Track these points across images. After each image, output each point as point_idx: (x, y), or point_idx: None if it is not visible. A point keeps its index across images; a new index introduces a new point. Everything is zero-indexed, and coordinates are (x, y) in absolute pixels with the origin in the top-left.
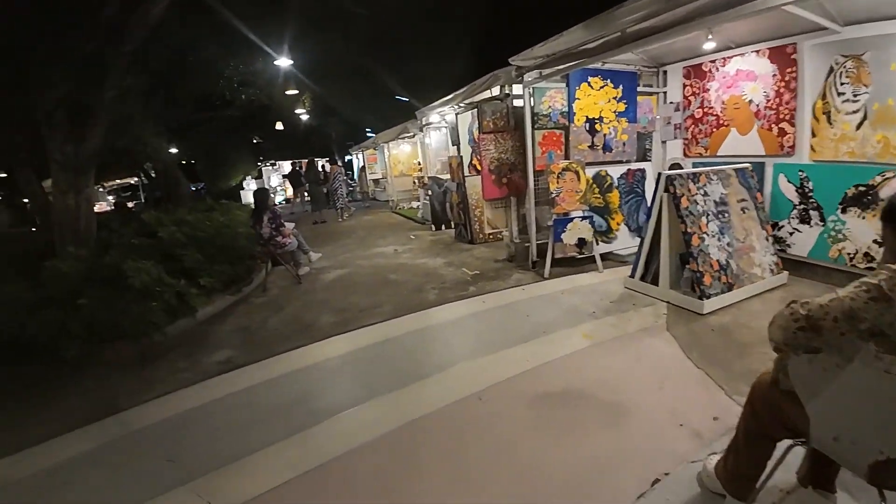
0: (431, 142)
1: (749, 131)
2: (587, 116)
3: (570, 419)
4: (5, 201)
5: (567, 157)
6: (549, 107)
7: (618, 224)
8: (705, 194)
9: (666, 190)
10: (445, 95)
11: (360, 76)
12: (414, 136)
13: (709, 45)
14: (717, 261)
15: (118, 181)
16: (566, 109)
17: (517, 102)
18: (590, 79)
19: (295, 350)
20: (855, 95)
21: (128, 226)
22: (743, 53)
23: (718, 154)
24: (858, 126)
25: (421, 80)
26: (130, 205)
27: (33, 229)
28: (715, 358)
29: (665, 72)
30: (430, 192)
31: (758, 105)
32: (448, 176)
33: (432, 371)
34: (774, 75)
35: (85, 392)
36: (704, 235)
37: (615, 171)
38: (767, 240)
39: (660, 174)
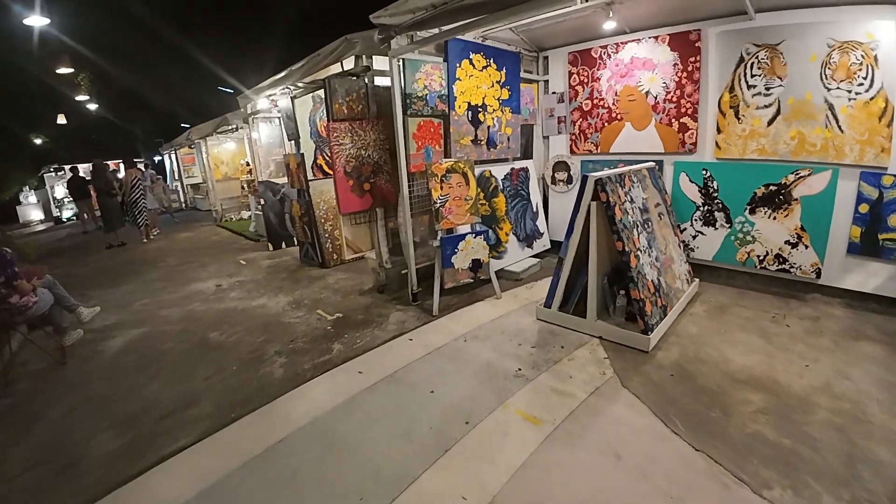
0: (261, 136)
1: (646, 126)
2: (469, 103)
3: None
4: None
5: (447, 154)
6: (425, 87)
7: (506, 235)
8: (632, 201)
9: (595, 197)
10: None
11: (170, 56)
12: (237, 129)
13: (609, 26)
14: (652, 282)
15: None
16: (445, 92)
17: (380, 81)
18: (472, 55)
19: None
20: (767, 89)
21: None
22: (639, 39)
23: (611, 151)
24: (770, 121)
25: (251, 61)
26: None
27: None
28: (701, 424)
29: (546, 57)
30: (262, 201)
31: (656, 97)
32: (286, 179)
33: None
34: (675, 64)
35: None
36: (639, 253)
37: (499, 171)
38: (680, 246)
39: (585, 177)
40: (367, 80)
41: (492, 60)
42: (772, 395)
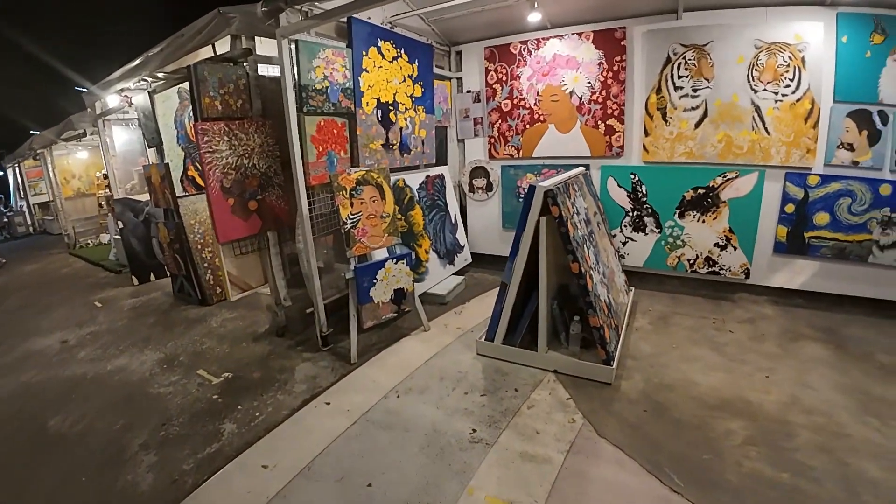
0: (115, 143)
1: (571, 129)
2: (378, 100)
3: None
4: None
5: (355, 161)
6: (325, 77)
7: (426, 252)
8: (578, 213)
9: (544, 211)
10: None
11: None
12: (85, 135)
13: (534, 18)
14: (605, 302)
15: None
16: (350, 85)
17: (266, 70)
18: (380, 42)
19: None
20: (695, 90)
21: None
22: (562, 35)
23: (534, 156)
24: (698, 124)
25: (103, 49)
26: None
27: None
28: (697, 472)
29: (460, 52)
30: (121, 223)
31: (581, 98)
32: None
33: None
34: (600, 63)
35: None
36: (592, 272)
37: (414, 180)
38: (616, 256)
39: (532, 187)
40: (248, 68)
41: (403, 51)
42: (749, 420)
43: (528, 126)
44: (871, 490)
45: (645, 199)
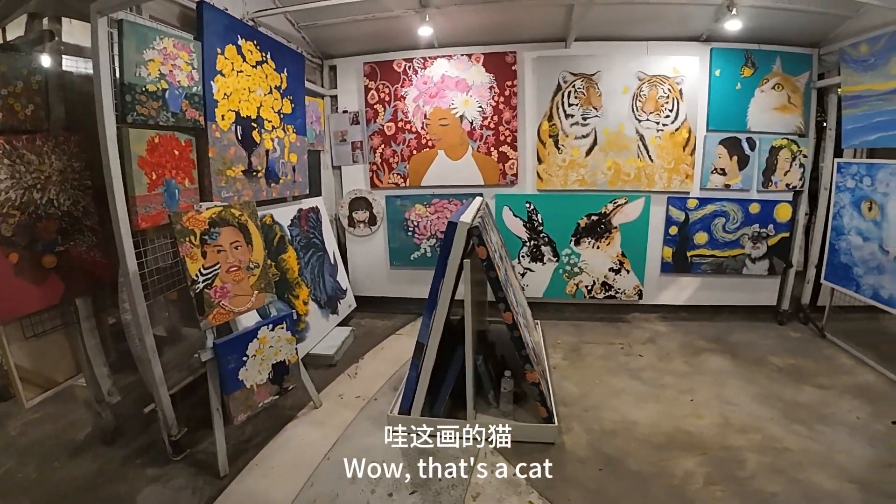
0: None
1: (462, 155)
2: (238, 113)
3: None
4: None
5: (205, 193)
6: (162, 76)
7: (305, 304)
8: (495, 251)
9: (468, 253)
10: None
11: None
12: None
13: (425, 32)
14: (533, 349)
15: None
16: (198, 89)
17: (74, 65)
18: (241, 41)
19: None
20: (584, 119)
21: None
22: (450, 56)
23: (422, 185)
24: (589, 152)
25: None
26: None
27: None
28: None
29: (334, 67)
30: None
31: (472, 123)
32: None
33: None
34: (491, 87)
35: None
36: (519, 318)
37: (284, 216)
38: (522, 290)
39: (452, 224)
40: (47, 60)
41: (269, 56)
42: (699, 454)
43: (415, 152)
44: (834, 502)
45: (541, 227)
